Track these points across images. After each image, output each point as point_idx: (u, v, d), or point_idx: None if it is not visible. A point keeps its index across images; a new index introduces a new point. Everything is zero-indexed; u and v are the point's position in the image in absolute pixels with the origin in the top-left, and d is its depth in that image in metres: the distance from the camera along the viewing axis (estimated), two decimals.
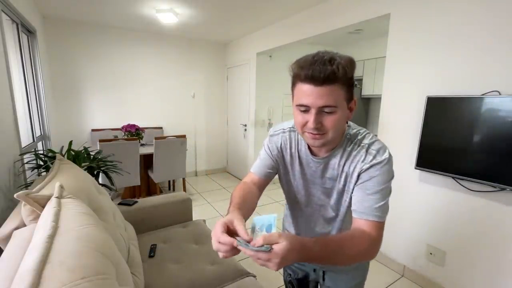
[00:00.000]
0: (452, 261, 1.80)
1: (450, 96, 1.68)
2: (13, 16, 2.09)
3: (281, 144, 0.88)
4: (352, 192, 0.78)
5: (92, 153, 2.08)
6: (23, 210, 0.98)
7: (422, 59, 1.85)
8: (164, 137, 3.20)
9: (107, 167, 2.04)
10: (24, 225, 0.99)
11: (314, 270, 1.01)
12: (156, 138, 3.12)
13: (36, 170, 1.86)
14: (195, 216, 2.13)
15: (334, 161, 0.80)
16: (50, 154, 1.84)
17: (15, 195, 0.92)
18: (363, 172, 0.74)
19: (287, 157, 0.88)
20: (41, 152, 1.97)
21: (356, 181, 0.76)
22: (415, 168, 1.88)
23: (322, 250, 0.62)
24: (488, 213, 1.60)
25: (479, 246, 1.66)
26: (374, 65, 3.96)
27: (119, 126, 3.76)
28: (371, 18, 2.17)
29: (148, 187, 3.62)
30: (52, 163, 1.62)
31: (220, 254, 0.59)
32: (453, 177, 1.72)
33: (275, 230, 0.59)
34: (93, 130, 3.74)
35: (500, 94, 1.49)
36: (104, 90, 3.77)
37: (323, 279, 0.98)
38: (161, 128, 4.24)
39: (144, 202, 1.91)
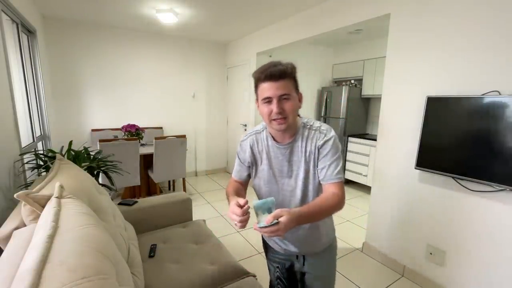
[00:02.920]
0: (452, 261, 1.80)
1: (450, 96, 1.68)
2: (13, 16, 2.09)
3: (251, 145, 1.08)
4: (317, 166, 0.99)
5: (92, 153, 2.08)
6: (23, 210, 0.98)
7: (422, 59, 1.85)
8: (164, 137, 3.20)
9: (107, 167, 2.04)
10: (24, 225, 0.99)
11: (297, 257, 1.16)
12: (156, 138, 3.12)
13: (36, 170, 1.86)
14: (195, 216, 2.13)
15: (297, 145, 1.01)
16: (50, 154, 1.84)
17: (15, 195, 0.92)
18: (320, 147, 0.97)
19: (257, 154, 1.08)
20: (41, 152, 1.97)
21: (318, 156, 0.98)
22: (415, 168, 1.88)
23: (309, 213, 0.86)
24: (488, 213, 1.60)
25: (479, 246, 1.66)
26: (374, 65, 3.96)
27: (119, 126, 3.77)
28: (371, 18, 2.17)
29: (148, 187, 3.62)
30: (52, 163, 1.62)
31: (238, 225, 0.83)
32: (453, 177, 1.72)
33: (274, 210, 0.80)
34: (93, 130, 3.74)
35: (500, 94, 1.49)
36: (104, 90, 3.77)
37: (305, 267, 1.15)
38: (161, 128, 4.24)
39: (144, 202, 1.91)
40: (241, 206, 0.85)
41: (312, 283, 1.15)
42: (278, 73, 0.90)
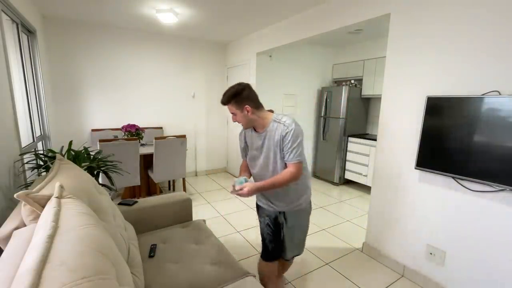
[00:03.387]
0: (452, 261, 1.80)
1: (450, 96, 1.68)
2: (13, 16, 2.09)
3: (244, 133, 1.57)
4: (283, 150, 1.39)
5: (92, 153, 2.07)
6: (23, 210, 0.98)
7: (422, 59, 1.85)
8: (164, 137, 3.20)
9: (107, 167, 2.04)
10: (24, 225, 0.99)
11: (280, 213, 1.56)
12: (156, 138, 3.12)
13: (36, 170, 1.86)
14: (195, 216, 2.13)
15: (269, 134, 1.42)
16: (50, 154, 1.84)
17: (15, 195, 0.92)
18: (283, 137, 1.37)
19: (248, 139, 1.55)
20: (41, 152, 1.97)
21: (282, 143, 1.38)
22: (415, 168, 1.88)
23: (265, 185, 1.37)
24: (488, 213, 1.60)
25: (479, 246, 1.66)
26: (374, 65, 3.96)
27: (119, 126, 3.77)
28: (371, 18, 2.17)
29: (148, 187, 3.62)
30: (52, 163, 1.62)
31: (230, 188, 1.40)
32: (453, 177, 1.72)
33: (244, 183, 1.38)
34: (93, 130, 3.74)
35: (500, 94, 1.49)
36: (104, 90, 3.77)
37: (285, 220, 1.56)
38: (161, 128, 4.24)
39: (144, 202, 1.91)
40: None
41: (290, 229, 1.58)
42: (224, 102, 1.41)
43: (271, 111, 1.49)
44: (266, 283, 1.65)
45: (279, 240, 1.59)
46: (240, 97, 1.37)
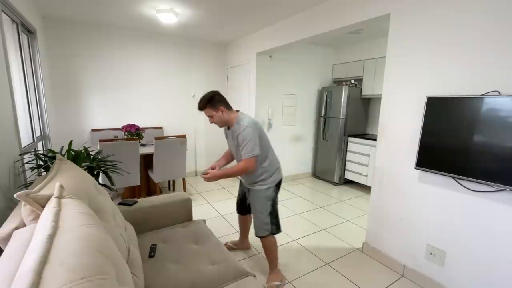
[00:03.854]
0: (452, 261, 1.80)
1: (450, 96, 1.68)
2: (13, 16, 2.09)
3: (224, 131, 1.96)
4: (239, 146, 1.75)
5: (92, 153, 2.07)
6: (23, 210, 0.98)
7: (422, 59, 1.85)
8: (164, 137, 3.20)
9: (107, 167, 2.04)
10: (24, 225, 0.99)
11: (248, 190, 1.96)
12: (156, 138, 3.12)
13: (36, 170, 1.86)
14: (195, 216, 2.13)
15: (232, 133, 1.82)
16: (50, 154, 1.84)
17: (15, 195, 0.92)
18: (237, 136, 1.74)
19: (225, 133, 1.97)
20: (41, 152, 1.97)
21: (237, 142, 1.76)
22: (415, 168, 1.88)
23: (221, 174, 1.77)
24: (488, 213, 1.60)
25: (479, 246, 1.66)
26: (374, 65, 3.96)
27: (119, 126, 3.77)
28: (371, 18, 2.17)
29: (148, 187, 3.62)
30: (52, 163, 1.62)
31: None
32: (453, 177, 1.72)
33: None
34: (93, 130, 3.74)
35: (500, 94, 1.49)
36: (104, 90, 3.77)
37: (248, 193, 1.98)
38: (161, 128, 4.25)
39: (144, 202, 1.91)
40: (211, 167, 1.89)
41: (250, 203, 1.97)
42: (201, 107, 1.76)
43: (237, 111, 1.84)
44: (239, 229, 2.35)
45: (244, 205, 2.15)
46: (214, 101, 1.74)
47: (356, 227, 2.89)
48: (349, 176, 4.27)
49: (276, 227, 1.90)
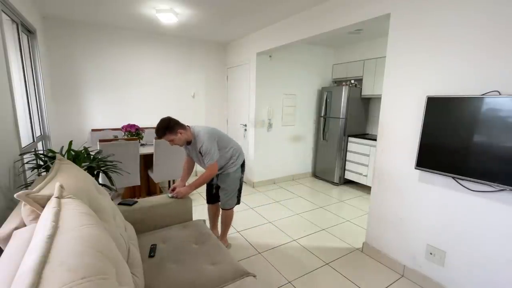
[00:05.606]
0: (452, 261, 1.80)
1: (450, 96, 1.68)
2: (13, 16, 2.09)
3: (185, 145, 2.12)
4: (202, 156, 2.03)
5: (92, 153, 2.07)
6: (23, 210, 0.98)
7: (422, 59, 1.85)
8: None
9: (107, 167, 2.04)
10: (24, 225, 0.99)
11: (217, 176, 2.26)
12: (156, 138, 3.12)
13: (36, 170, 1.86)
14: (195, 216, 2.13)
15: (194, 146, 2.06)
16: (50, 154, 1.84)
17: (15, 195, 0.92)
18: (199, 149, 2.01)
19: (185, 148, 2.19)
20: (41, 152, 1.97)
21: (200, 153, 2.02)
22: (415, 168, 1.88)
23: (192, 186, 2.04)
24: (488, 213, 1.60)
25: (479, 246, 1.66)
26: (374, 65, 3.96)
27: (119, 126, 3.77)
28: (371, 18, 2.17)
29: (148, 187, 3.62)
30: (52, 163, 1.62)
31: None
32: (453, 177, 1.72)
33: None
34: (93, 130, 3.74)
35: (500, 94, 1.49)
36: (104, 90, 3.77)
37: (216, 179, 2.29)
38: None
39: (144, 202, 1.91)
40: (174, 188, 2.11)
41: (221, 184, 2.26)
42: (160, 136, 1.97)
43: (189, 126, 2.08)
44: (209, 218, 2.52)
45: (212, 194, 2.39)
46: (171, 126, 1.94)
47: (356, 227, 2.88)
48: (349, 176, 4.27)
49: (238, 200, 2.34)
